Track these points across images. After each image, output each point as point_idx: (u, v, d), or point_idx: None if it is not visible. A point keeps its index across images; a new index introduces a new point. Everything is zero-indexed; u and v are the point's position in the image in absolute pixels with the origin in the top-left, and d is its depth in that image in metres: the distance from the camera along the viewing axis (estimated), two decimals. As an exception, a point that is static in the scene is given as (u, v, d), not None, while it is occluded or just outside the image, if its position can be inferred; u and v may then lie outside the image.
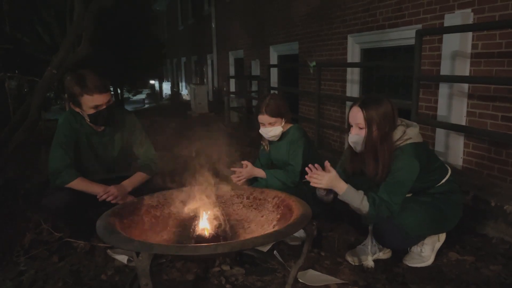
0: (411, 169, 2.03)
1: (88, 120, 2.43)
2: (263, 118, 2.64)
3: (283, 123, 2.66)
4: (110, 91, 2.44)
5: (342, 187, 2.07)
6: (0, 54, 5.05)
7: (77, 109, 2.41)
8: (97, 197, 2.34)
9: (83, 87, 2.29)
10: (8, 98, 4.56)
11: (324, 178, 2.06)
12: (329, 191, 2.17)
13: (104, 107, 2.37)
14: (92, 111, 2.36)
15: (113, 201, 2.32)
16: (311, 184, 2.10)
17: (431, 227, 2.16)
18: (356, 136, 2.12)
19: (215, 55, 11.79)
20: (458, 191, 2.25)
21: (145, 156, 2.65)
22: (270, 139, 2.72)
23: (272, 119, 2.63)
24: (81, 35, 4.52)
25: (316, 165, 2.11)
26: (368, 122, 2.04)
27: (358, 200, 2.04)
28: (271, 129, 2.65)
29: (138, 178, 2.54)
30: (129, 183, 2.48)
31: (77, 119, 2.50)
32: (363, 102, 2.08)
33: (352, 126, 2.13)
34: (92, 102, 2.32)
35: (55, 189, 2.41)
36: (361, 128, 2.08)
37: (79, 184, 2.39)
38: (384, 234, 2.12)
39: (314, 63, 5.56)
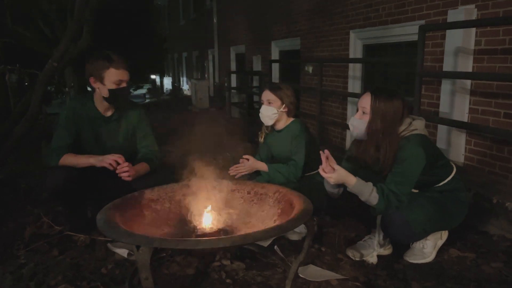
0: (417, 159, 2.01)
1: (107, 96, 2.43)
2: (265, 93, 2.70)
3: (281, 109, 2.66)
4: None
5: (351, 180, 2.06)
6: (1, 48, 5.03)
7: (97, 85, 2.43)
8: (118, 167, 2.32)
9: (111, 61, 2.37)
10: (9, 91, 4.54)
11: (333, 175, 2.05)
12: (339, 184, 2.15)
13: (125, 85, 2.45)
14: (114, 86, 2.41)
15: (125, 175, 2.32)
16: (323, 175, 2.08)
17: (436, 223, 2.16)
18: (357, 120, 2.12)
19: (216, 50, 11.76)
20: (464, 189, 2.25)
21: (148, 149, 2.65)
22: (264, 120, 2.72)
23: (272, 96, 2.64)
24: (82, 29, 4.50)
25: (326, 151, 2.05)
26: (374, 110, 2.04)
27: (367, 192, 2.03)
28: (266, 107, 2.66)
29: (142, 166, 2.53)
30: (135, 168, 2.46)
31: (83, 104, 2.53)
32: (376, 90, 2.08)
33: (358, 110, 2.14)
34: (117, 76, 2.39)
35: (51, 170, 2.42)
36: (364, 113, 2.08)
37: (66, 160, 2.40)
38: (390, 226, 2.11)
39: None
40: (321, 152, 2.06)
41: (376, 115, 2.04)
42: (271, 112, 2.65)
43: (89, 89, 2.73)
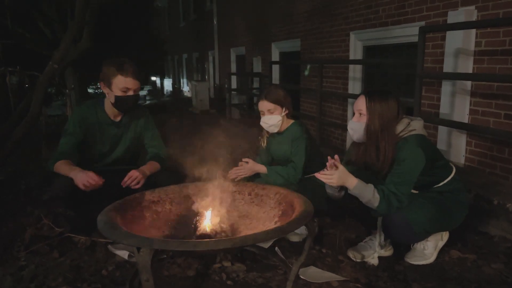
0: (416, 159, 2.02)
1: (113, 102, 2.47)
2: (262, 104, 2.64)
3: (283, 113, 2.65)
4: (139, 83, 2.53)
5: (352, 182, 2.05)
6: (1, 49, 5.04)
7: (106, 90, 2.48)
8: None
9: (120, 68, 2.40)
10: (9, 93, 4.55)
11: (334, 174, 2.04)
12: (341, 187, 2.15)
13: (132, 93, 2.46)
14: (120, 93, 2.44)
15: (135, 187, 2.35)
16: (324, 180, 2.07)
17: (437, 223, 2.16)
18: (355, 123, 2.13)
19: (216, 52, 11.77)
20: (464, 190, 2.25)
21: (157, 149, 2.71)
22: (269, 129, 2.70)
23: (271, 106, 2.61)
24: (82, 30, 4.51)
25: (329, 157, 2.07)
26: (370, 111, 2.06)
27: (369, 193, 2.02)
28: (270, 117, 2.63)
29: (154, 166, 2.58)
30: (147, 169, 2.51)
31: (93, 110, 2.56)
32: (370, 92, 2.11)
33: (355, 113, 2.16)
34: (124, 84, 2.42)
35: (55, 176, 2.43)
36: (361, 115, 2.10)
37: (57, 167, 2.39)
38: (391, 227, 2.11)
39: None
40: (329, 157, 2.06)
41: (373, 116, 2.06)
42: (276, 120, 2.64)
43: (89, 91, 2.75)
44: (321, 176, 2.06)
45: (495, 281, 2.04)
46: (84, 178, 2.22)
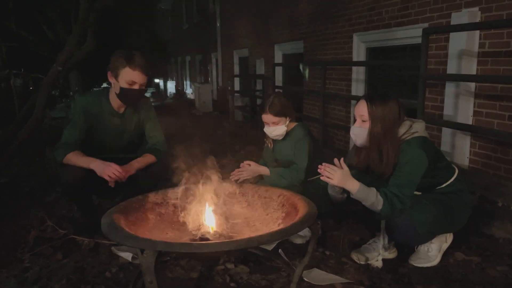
0: (418, 161, 2.01)
1: (118, 93, 2.47)
2: (266, 117, 2.62)
3: (287, 122, 2.64)
4: (148, 78, 2.52)
5: (354, 185, 2.04)
6: (6, 52, 5.07)
7: (112, 80, 2.48)
8: (109, 183, 2.34)
9: (130, 61, 2.40)
10: (14, 95, 4.58)
11: (337, 173, 2.02)
12: (343, 189, 2.14)
13: (137, 88, 2.46)
14: (126, 85, 2.43)
15: (122, 179, 2.35)
16: (323, 178, 2.06)
17: (441, 224, 2.15)
18: (357, 129, 2.12)
19: (219, 54, 11.78)
20: (467, 191, 2.24)
21: (155, 140, 2.71)
22: (274, 138, 2.71)
23: (276, 119, 2.60)
24: (86, 33, 4.53)
25: (334, 159, 2.08)
26: (372, 116, 2.05)
27: (372, 196, 2.01)
28: (275, 128, 2.63)
29: (146, 159, 2.58)
30: (136, 162, 2.52)
31: (97, 99, 2.57)
32: (370, 96, 2.10)
33: (356, 119, 2.15)
34: (130, 76, 2.41)
35: (63, 167, 2.44)
36: (363, 121, 2.09)
37: (70, 158, 2.41)
38: (395, 229, 2.11)
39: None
40: (335, 159, 2.06)
41: (375, 120, 2.05)
42: (281, 131, 2.63)
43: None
44: (324, 169, 2.04)
45: (500, 283, 2.03)
46: (110, 170, 2.29)
